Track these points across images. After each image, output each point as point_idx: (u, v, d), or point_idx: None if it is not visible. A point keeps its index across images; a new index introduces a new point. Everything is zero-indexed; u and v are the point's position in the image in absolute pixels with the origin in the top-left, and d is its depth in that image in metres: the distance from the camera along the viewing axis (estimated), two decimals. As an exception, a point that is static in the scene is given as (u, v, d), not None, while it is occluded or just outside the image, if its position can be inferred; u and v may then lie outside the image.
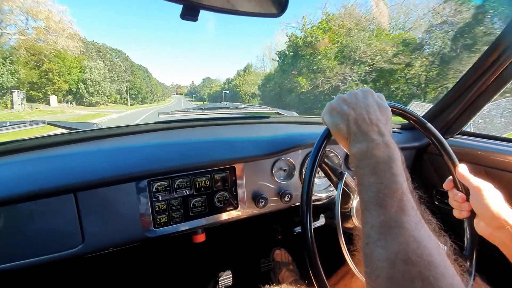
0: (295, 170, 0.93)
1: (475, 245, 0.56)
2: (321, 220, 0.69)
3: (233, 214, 0.85)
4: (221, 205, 0.83)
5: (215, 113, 1.19)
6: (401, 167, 0.40)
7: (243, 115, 1.29)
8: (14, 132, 0.84)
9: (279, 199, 0.90)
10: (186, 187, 0.77)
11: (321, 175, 0.96)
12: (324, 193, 0.97)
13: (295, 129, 1.08)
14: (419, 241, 0.32)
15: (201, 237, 0.89)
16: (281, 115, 1.23)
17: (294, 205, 0.94)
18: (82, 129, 0.87)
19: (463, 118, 1.01)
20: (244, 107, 1.25)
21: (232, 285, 1.26)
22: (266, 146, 0.87)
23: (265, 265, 1.40)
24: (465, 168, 0.54)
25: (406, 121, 0.60)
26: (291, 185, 0.93)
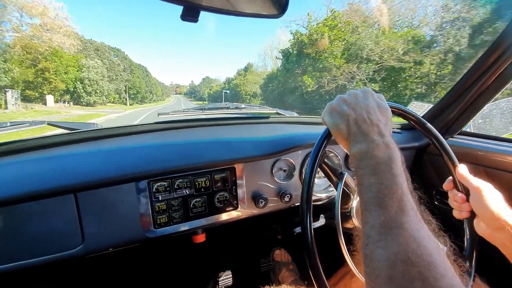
0: (295, 170, 0.93)
1: (475, 246, 0.56)
2: (321, 220, 0.69)
3: (233, 214, 0.85)
4: (221, 205, 0.83)
5: (215, 113, 1.19)
6: (401, 167, 0.40)
7: (243, 115, 1.29)
8: (14, 133, 0.84)
9: (279, 199, 0.91)
10: (186, 187, 0.77)
11: (321, 175, 0.96)
12: (324, 193, 0.97)
13: (295, 129, 1.08)
14: (419, 241, 0.32)
15: (201, 237, 0.89)
16: (281, 115, 1.23)
17: (294, 205, 0.94)
18: (82, 130, 0.87)
19: (463, 118, 1.01)
20: (244, 107, 1.25)
21: (232, 285, 1.26)
22: (266, 146, 0.87)
23: (265, 265, 1.40)
24: (465, 168, 0.54)
25: (406, 121, 0.60)
26: (291, 185, 0.93)
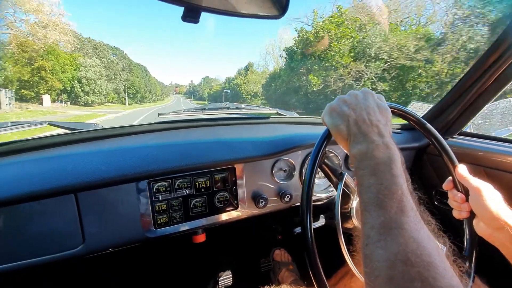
0: (295, 171, 0.93)
1: (474, 246, 0.56)
2: (321, 221, 0.69)
3: (233, 214, 0.85)
4: (221, 205, 0.83)
5: (215, 114, 1.19)
6: (401, 168, 0.40)
7: (243, 116, 1.29)
8: (15, 133, 0.84)
9: (279, 199, 0.91)
10: (186, 187, 0.78)
11: (321, 175, 0.96)
12: (324, 193, 0.97)
13: (295, 130, 1.08)
14: (418, 242, 0.32)
15: (201, 237, 0.90)
16: (281, 115, 1.23)
17: (294, 205, 0.94)
18: (82, 130, 0.87)
19: (463, 119, 1.02)
20: (244, 108, 1.25)
21: (232, 285, 1.26)
22: (266, 146, 0.87)
23: (265, 265, 1.40)
24: (464, 168, 0.54)
25: (406, 121, 0.61)
26: (291, 185, 0.93)
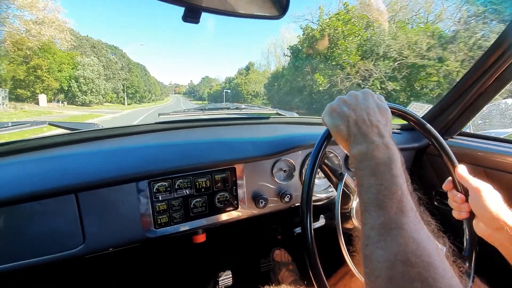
0: (295, 171, 0.93)
1: (474, 246, 0.56)
2: (321, 221, 0.69)
3: (233, 214, 0.85)
4: (222, 205, 0.83)
5: (215, 114, 1.20)
6: (401, 168, 0.40)
7: (243, 116, 1.29)
8: (16, 133, 0.84)
9: (279, 199, 0.91)
10: (186, 187, 0.78)
11: (321, 175, 0.96)
12: (324, 193, 0.97)
13: (295, 130, 1.08)
14: (418, 242, 0.32)
15: (201, 238, 0.90)
16: (281, 115, 1.23)
17: (294, 205, 0.94)
18: (83, 130, 0.87)
19: (463, 119, 1.02)
20: (244, 108, 1.25)
21: (232, 285, 1.26)
22: (266, 146, 0.87)
23: (265, 265, 1.40)
24: (464, 169, 0.54)
25: (406, 122, 0.61)
26: (291, 185, 0.93)
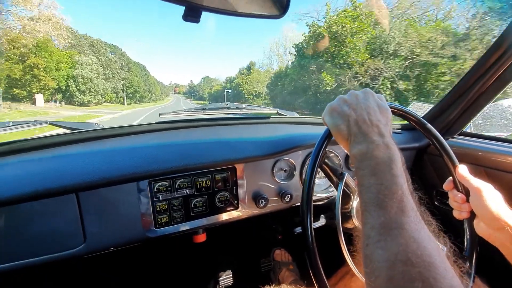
0: (295, 171, 0.93)
1: (474, 246, 0.56)
2: (321, 221, 0.69)
3: (233, 214, 0.85)
4: (222, 205, 0.83)
5: (215, 114, 1.20)
6: (401, 168, 0.40)
7: (243, 116, 1.29)
8: (16, 132, 0.85)
9: (279, 199, 0.91)
10: (187, 187, 0.78)
11: (321, 175, 0.96)
12: (325, 193, 0.97)
13: (295, 130, 1.08)
14: (419, 242, 0.32)
15: (201, 237, 0.90)
16: (282, 115, 1.23)
17: (294, 205, 0.94)
18: (84, 129, 0.88)
19: (464, 119, 1.01)
20: (244, 107, 1.25)
21: (232, 284, 1.26)
22: (266, 146, 0.87)
23: (265, 265, 1.40)
24: (465, 168, 0.54)
25: (406, 121, 0.61)
26: (291, 185, 0.93)
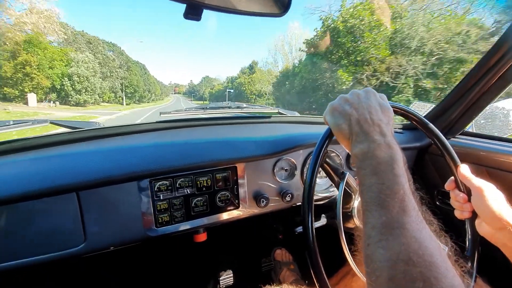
0: (296, 170, 0.93)
1: (476, 246, 0.56)
2: (322, 220, 0.69)
3: (234, 213, 0.85)
4: (223, 204, 0.83)
5: (216, 113, 1.20)
6: (403, 167, 0.40)
7: (244, 115, 1.29)
8: (17, 131, 0.85)
9: (280, 198, 0.91)
10: (187, 186, 0.78)
11: (322, 175, 0.96)
12: (326, 193, 0.97)
13: (296, 129, 1.08)
14: (420, 241, 0.32)
15: (202, 237, 0.90)
16: (283, 115, 1.23)
17: (295, 204, 0.94)
18: (84, 128, 0.88)
19: (465, 119, 1.01)
20: (245, 107, 1.25)
21: (233, 284, 1.26)
22: (267, 146, 0.87)
23: (266, 264, 1.40)
24: (467, 168, 0.53)
25: (408, 121, 0.60)
26: (292, 185, 0.93)
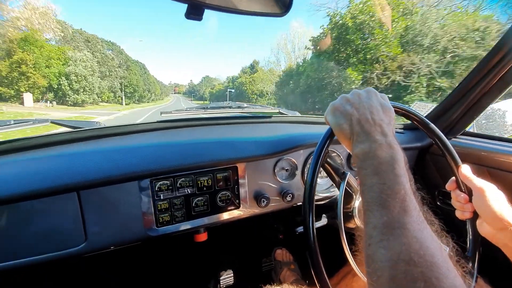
0: (297, 170, 0.93)
1: (477, 247, 0.56)
2: (323, 220, 0.69)
3: (235, 213, 0.85)
4: (223, 204, 0.83)
5: (217, 113, 1.20)
6: (404, 167, 0.40)
7: (245, 115, 1.29)
8: (18, 131, 0.85)
9: (281, 198, 0.91)
10: (188, 186, 0.78)
11: (323, 175, 0.96)
12: (326, 193, 0.97)
13: (297, 129, 1.08)
14: (421, 242, 0.32)
15: (203, 236, 0.90)
16: (284, 114, 1.23)
17: (296, 204, 0.94)
18: (85, 128, 0.88)
19: (467, 119, 1.01)
20: (246, 107, 1.25)
21: (234, 284, 1.26)
22: (268, 145, 0.87)
23: (267, 264, 1.40)
24: (468, 168, 0.53)
25: (409, 121, 0.60)
26: (293, 184, 0.93)
